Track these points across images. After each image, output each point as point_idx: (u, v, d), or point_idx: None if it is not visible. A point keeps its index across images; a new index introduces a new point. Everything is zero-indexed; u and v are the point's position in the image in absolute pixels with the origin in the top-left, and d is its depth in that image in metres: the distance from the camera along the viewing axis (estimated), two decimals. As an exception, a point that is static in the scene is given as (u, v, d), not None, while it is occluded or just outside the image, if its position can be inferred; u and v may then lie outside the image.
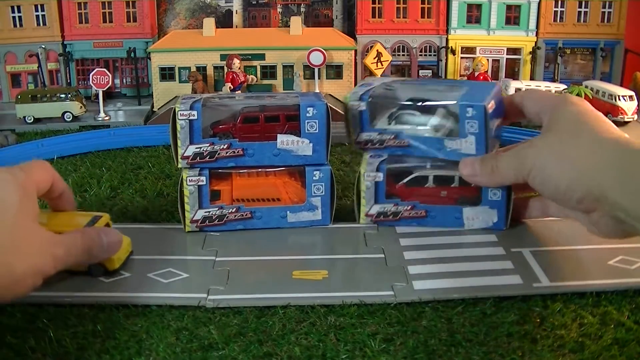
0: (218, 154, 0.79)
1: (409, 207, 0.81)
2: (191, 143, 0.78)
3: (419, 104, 0.79)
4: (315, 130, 0.79)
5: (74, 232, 0.66)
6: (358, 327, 0.61)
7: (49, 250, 0.60)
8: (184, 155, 0.78)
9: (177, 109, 0.78)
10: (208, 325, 0.62)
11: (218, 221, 0.80)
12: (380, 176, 0.80)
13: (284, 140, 0.79)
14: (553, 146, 0.69)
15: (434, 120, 0.78)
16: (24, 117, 1.27)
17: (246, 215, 0.81)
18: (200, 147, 0.78)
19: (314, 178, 0.80)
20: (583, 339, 0.59)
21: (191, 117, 0.77)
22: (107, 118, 1.30)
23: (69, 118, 1.28)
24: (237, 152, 0.79)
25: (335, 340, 0.59)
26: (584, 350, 0.57)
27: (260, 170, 0.81)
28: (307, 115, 0.78)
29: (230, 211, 0.80)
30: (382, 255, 0.74)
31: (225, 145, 0.79)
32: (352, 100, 0.80)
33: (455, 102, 0.76)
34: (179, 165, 0.79)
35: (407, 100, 0.80)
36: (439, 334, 0.60)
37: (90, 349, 0.58)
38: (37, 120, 1.27)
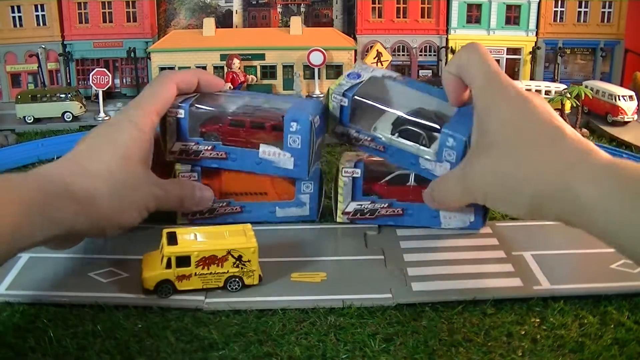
0: (202, 154, 0.79)
1: (386, 204, 0.80)
2: (178, 140, 0.79)
3: (402, 127, 0.77)
4: (298, 145, 0.77)
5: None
6: (358, 327, 0.61)
7: (151, 189, 0.72)
8: (171, 150, 0.79)
9: None
10: (208, 325, 0.62)
11: (209, 214, 0.80)
12: (358, 172, 0.79)
13: (266, 151, 0.78)
14: (497, 170, 0.64)
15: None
16: (24, 117, 1.26)
17: (236, 209, 0.81)
18: (187, 145, 0.79)
19: None
20: (583, 339, 0.59)
21: (179, 116, 0.78)
22: (107, 118, 1.30)
23: (69, 118, 1.27)
24: (220, 155, 0.79)
25: (335, 340, 0.59)
26: (584, 350, 0.57)
27: None
28: (291, 129, 0.77)
29: (220, 205, 0.81)
30: (382, 257, 0.74)
31: (210, 147, 0.79)
32: (336, 93, 0.79)
33: (440, 128, 0.74)
34: (167, 159, 0.80)
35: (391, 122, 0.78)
36: (439, 334, 0.60)
37: (90, 349, 0.58)
38: (37, 120, 1.27)
